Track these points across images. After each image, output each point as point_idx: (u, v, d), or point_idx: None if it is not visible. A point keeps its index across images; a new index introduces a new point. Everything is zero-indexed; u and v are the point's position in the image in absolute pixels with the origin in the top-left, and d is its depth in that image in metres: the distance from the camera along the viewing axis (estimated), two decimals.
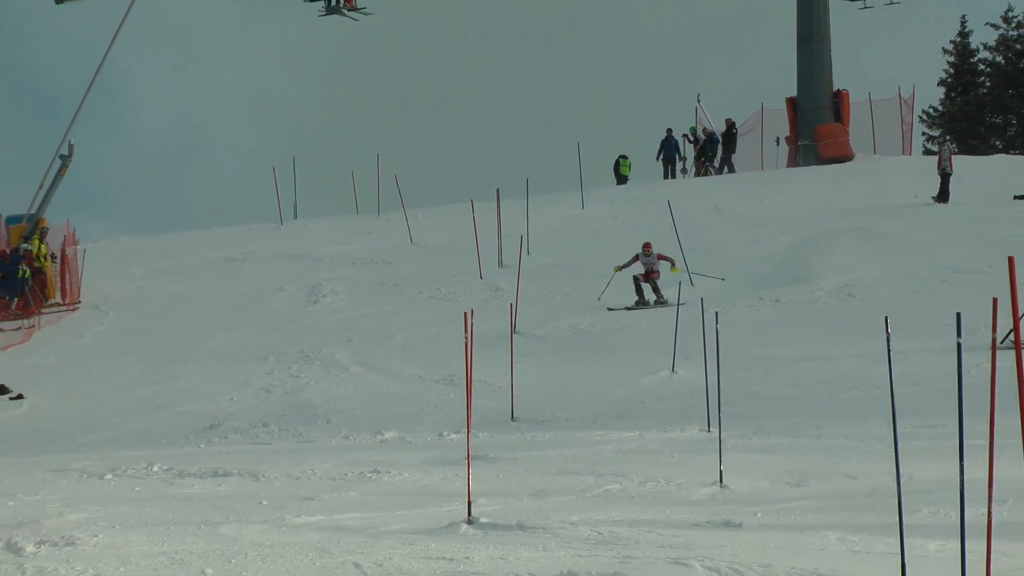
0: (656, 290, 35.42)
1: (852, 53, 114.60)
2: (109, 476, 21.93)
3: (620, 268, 35.55)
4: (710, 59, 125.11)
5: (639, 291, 35.44)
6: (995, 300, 11.57)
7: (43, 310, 40.46)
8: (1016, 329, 11.37)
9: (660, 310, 34.31)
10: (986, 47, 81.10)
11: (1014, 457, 10.87)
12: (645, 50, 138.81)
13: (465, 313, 21.99)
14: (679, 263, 35.89)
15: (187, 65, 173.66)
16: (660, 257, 35.49)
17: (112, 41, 47.16)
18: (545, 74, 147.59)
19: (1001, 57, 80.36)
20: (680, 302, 30.55)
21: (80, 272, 42.15)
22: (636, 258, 35.54)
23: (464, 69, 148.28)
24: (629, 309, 35.28)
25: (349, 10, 39.65)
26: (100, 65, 49.02)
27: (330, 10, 39.42)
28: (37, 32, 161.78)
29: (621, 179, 57.69)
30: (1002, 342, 11.66)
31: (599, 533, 15.71)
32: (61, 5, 31.67)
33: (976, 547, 11.21)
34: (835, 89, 58.50)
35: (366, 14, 39.59)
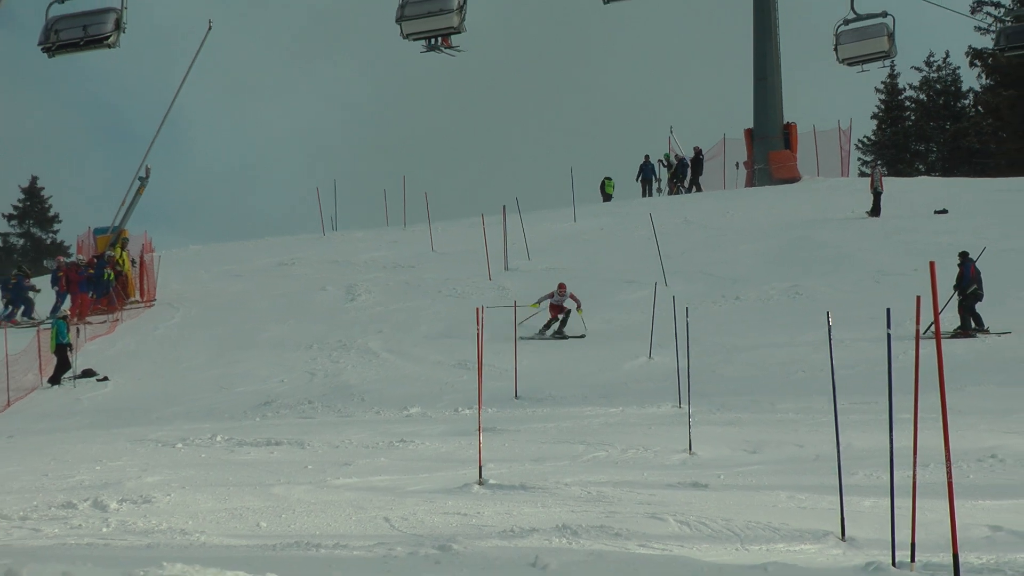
0: (562, 323, 33.38)
1: (800, 91, 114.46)
2: (180, 445, 21.94)
3: (536, 304, 33.57)
4: (681, 97, 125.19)
5: (549, 324, 33.50)
6: (918, 298, 11.62)
7: (125, 307, 40.44)
8: (936, 322, 11.42)
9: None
10: (911, 86, 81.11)
11: (934, 429, 10.89)
12: (627, 90, 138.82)
13: (476, 309, 22.08)
14: (583, 307, 33.30)
15: (245, 102, 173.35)
16: (572, 297, 33.29)
17: (182, 82, 47.12)
18: (544, 112, 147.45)
19: (924, 95, 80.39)
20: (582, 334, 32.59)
21: (156, 275, 42.12)
22: (551, 295, 33.50)
23: (478, 108, 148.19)
24: (536, 335, 33.37)
25: (445, 48, 39.28)
26: (172, 102, 49.00)
27: (430, 47, 39.01)
28: (114, 74, 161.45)
29: (606, 197, 57.58)
30: (924, 333, 11.69)
31: (588, 492, 15.74)
32: (54, 58, 30.39)
33: (903, 504, 11.23)
34: (785, 122, 58.39)
35: (459, 51, 39.26)
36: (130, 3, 31.98)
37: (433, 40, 38.98)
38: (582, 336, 32.73)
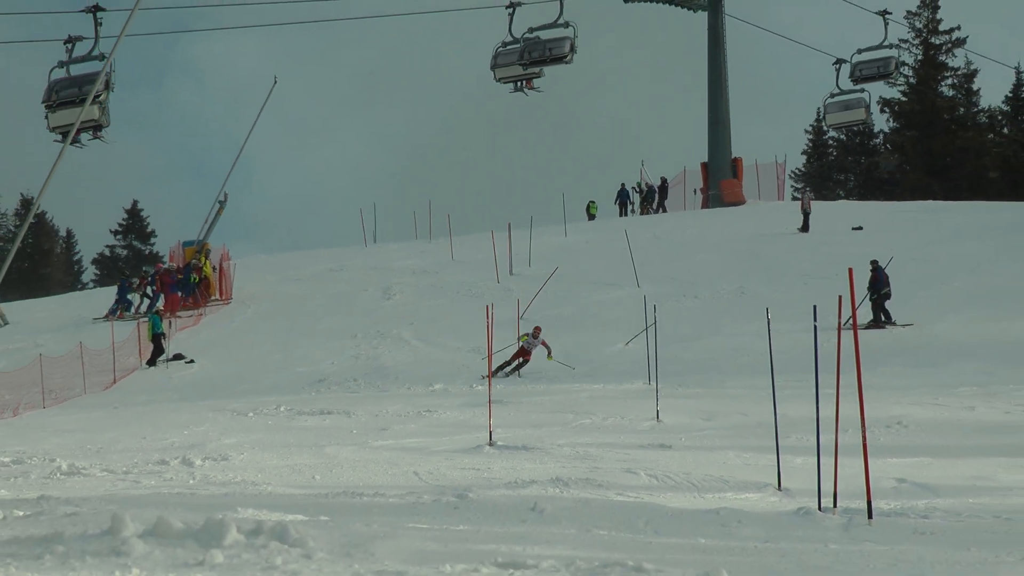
0: (520, 366, 27.79)
1: (745, 132, 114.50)
2: (251, 414, 21.97)
3: (521, 339, 27.97)
4: (650, 136, 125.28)
5: (508, 364, 27.80)
6: (839, 297, 11.63)
7: (207, 304, 40.49)
8: (853, 316, 11.45)
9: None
10: (835, 130, 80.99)
11: (852, 401, 10.90)
12: (607, 130, 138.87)
13: (487, 306, 22.09)
14: (554, 354, 27.50)
15: (302, 139, 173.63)
16: (543, 343, 27.62)
17: (253, 125, 47.34)
18: (542, 148, 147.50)
19: (843, 135, 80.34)
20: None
21: (232, 278, 42.14)
22: (528, 336, 27.80)
23: (488, 145, 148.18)
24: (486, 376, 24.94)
25: (529, 89, 39.35)
26: (245, 140, 49.22)
27: (516, 88, 39.15)
28: (197, 118, 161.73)
29: (591, 217, 57.53)
30: (844, 325, 11.70)
31: (576, 451, 15.75)
32: (55, 113, 29.54)
33: (827, 461, 11.24)
34: (733, 156, 58.44)
35: (540, 91, 39.36)
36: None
37: (520, 83, 39.22)
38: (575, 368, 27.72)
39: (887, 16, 51.51)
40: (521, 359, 27.79)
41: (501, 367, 27.31)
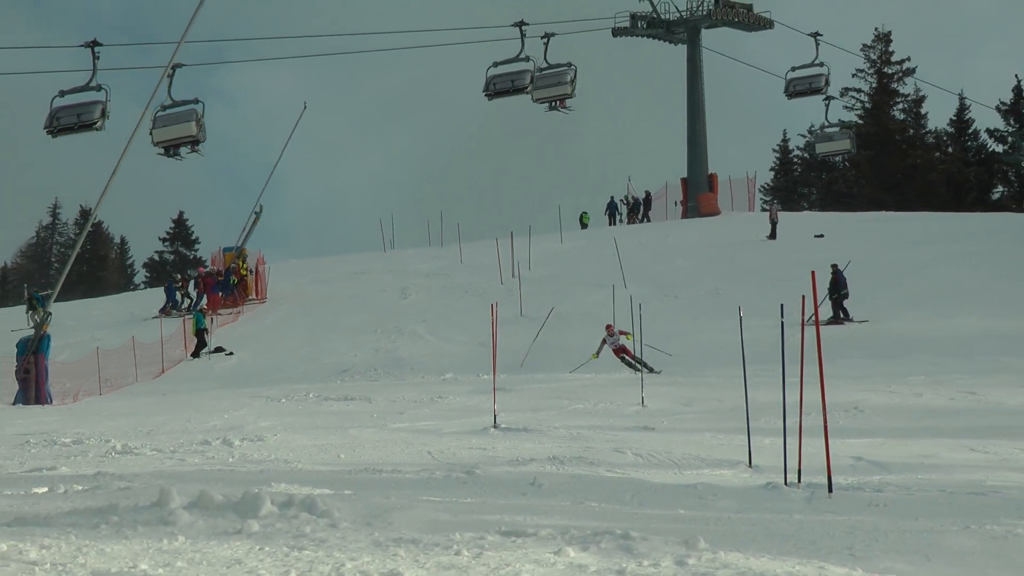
0: (632, 364, 26.00)
1: (720, 150, 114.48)
2: (283, 400, 21.98)
3: (596, 355, 26.26)
4: (636, 154, 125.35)
5: (629, 365, 26.25)
6: (803, 297, 11.62)
7: (245, 303, 40.55)
8: (816, 313, 11.42)
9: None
10: (798, 148, 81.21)
11: (814, 388, 10.90)
12: (598, 149, 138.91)
13: (492, 304, 22.10)
14: (631, 333, 26.14)
15: (329, 157, 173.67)
16: (621, 332, 26.53)
17: (285, 144, 47.30)
18: (540, 164, 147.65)
19: (806, 154, 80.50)
20: (657, 370, 25.48)
21: (267, 280, 42.21)
22: (604, 341, 26.54)
23: (493, 162, 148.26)
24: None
25: (562, 108, 39.57)
26: (279, 159, 49.15)
27: (551, 108, 39.37)
28: (236, 139, 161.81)
29: (583, 226, 57.64)
30: (807, 321, 11.71)
31: (571, 433, 15.74)
32: (56, 138, 29.43)
33: (792, 441, 11.24)
34: (710, 172, 58.56)
35: (572, 111, 39.68)
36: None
37: (554, 103, 39.41)
38: (657, 371, 25.36)
39: (818, 37, 52.21)
40: (624, 356, 26.48)
41: (628, 364, 26.25)
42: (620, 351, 26.44)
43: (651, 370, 25.11)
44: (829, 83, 46.07)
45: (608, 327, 26.96)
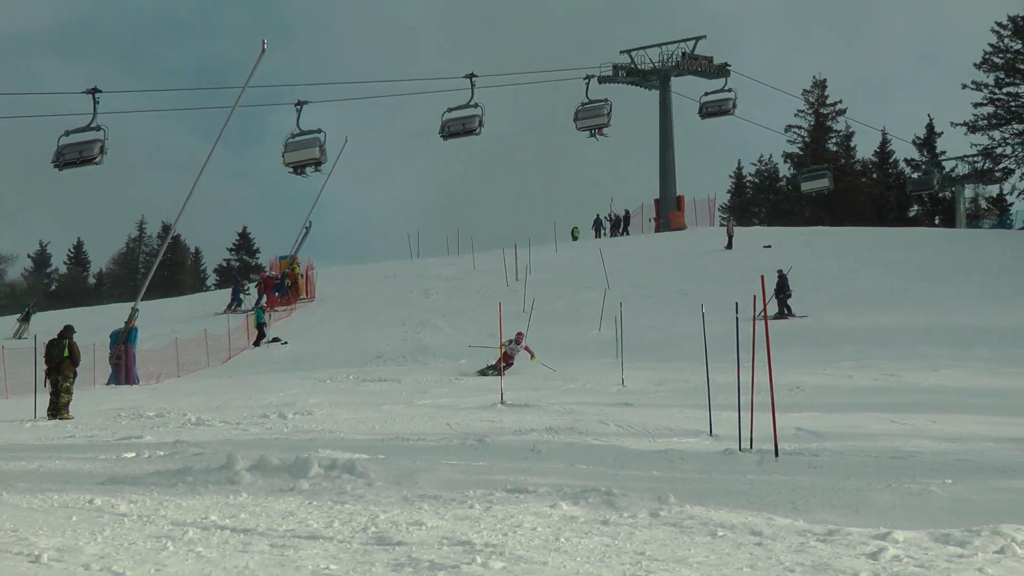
0: (503, 369, 20.57)
1: (687, 175, 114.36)
2: (328, 381, 21.99)
3: (502, 347, 22.19)
4: (617, 179, 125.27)
5: (494, 367, 22.58)
6: (754, 296, 11.62)
7: (297, 301, 40.55)
8: (764, 310, 11.41)
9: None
10: (750, 174, 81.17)
11: (763, 371, 10.90)
12: (586, 173, 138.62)
13: (499, 303, 22.09)
14: (537, 357, 23.12)
15: (366, 181, 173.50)
16: (526, 349, 23.35)
17: (328, 174, 47.23)
18: (539, 186, 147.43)
19: (757, 179, 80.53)
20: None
21: (314, 282, 42.22)
22: (509, 342, 22.98)
23: (500, 184, 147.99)
24: (477, 372, 23.18)
25: (600, 136, 39.85)
26: (323, 184, 49.15)
27: (591, 135, 39.67)
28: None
29: (574, 238, 57.53)
30: (757, 316, 11.72)
31: (564, 408, 15.74)
32: (63, 172, 28.62)
33: (745, 415, 11.23)
34: (678, 194, 58.51)
35: (607, 137, 40.13)
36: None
37: (593, 131, 39.54)
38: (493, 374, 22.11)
39: (728, 67, 55.96)
40: (505, 363, 22.27)
41: (485, 370, 23.07)
42: (507, 359, 22.56)
43: (494, 373, 21.91)
44: (736, 106, 46.35)
45: (519, 334, 23.72)
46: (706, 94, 47.55)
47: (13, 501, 8.32)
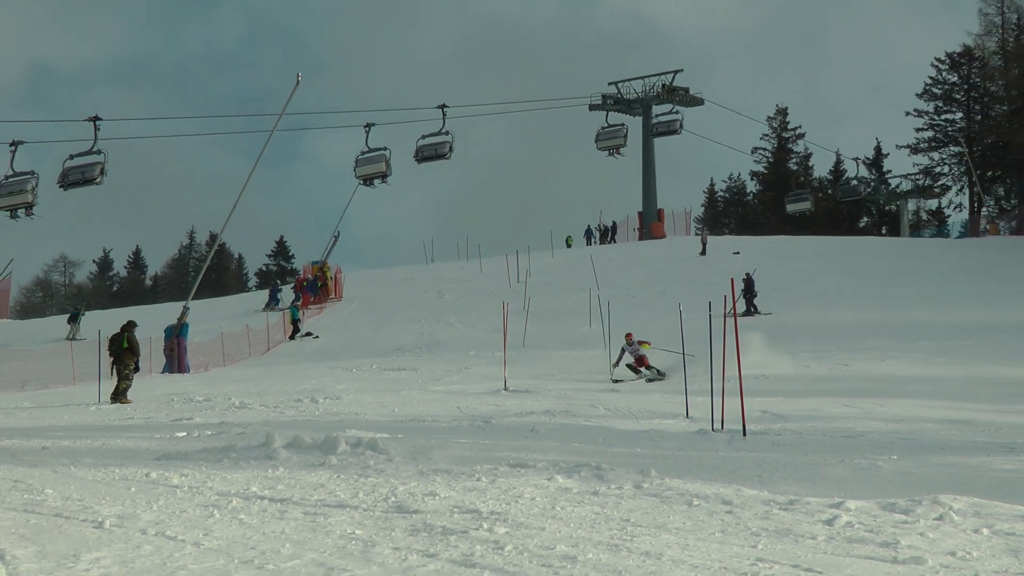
0: (652, 373, 18.97)
1: (667, 191, 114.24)
2: (354, 370, 21.97)
3: (615, 364, 19.01)
4: (606, 194, 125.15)
5: (636, 371, 19.12)
6: (725, 296, 11.61)
7: (327, 301, 40.53)
8: (734, 308, 11.40)
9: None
10: (720, 191, 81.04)
11: (733, 360, 10.89)
12: (578, 189, 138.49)
13: (503, 303, 22.06)
14: (650, 343, 19.79)
15: (383, 197, 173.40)
16: (640, 342, 19.56)
17: (352, 194, 47.30)
18: (537, 201, 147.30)
19: (727, 194, 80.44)
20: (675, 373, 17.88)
21: (342, 284, 42.21)
22: (623, 351, 19.36)
23: (502, 199, 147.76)
24: (635, 379, 18.93)
25: (617, 155, 40.47)
26: (348, 203, 49.22)
27: (610, 154, 40.26)
28: (316, 190, 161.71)
29: (568, 246, 57.48)
30: (728, 314, 11.71)
31: (559, 393, 15.73)
32: (67, 191, 27.95)
33: (717, 399, 11.22)
34: (659, 207, 58.48)
35: (623, 156, 41.11)
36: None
37: (612, 151, 39.77)
38: (663, 376, 18.67)
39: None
40: (642, 367, 19.16)
41: (643, 373, 19.10)
42: (639, 362, 19.32)
43: (663, 375, 18.77)
44: (683, 127, 46.71)
45: (628, 336, 19.78)
46: (656, 116, 48.10)
47: (80, 474, 8.33)
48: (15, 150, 27.00)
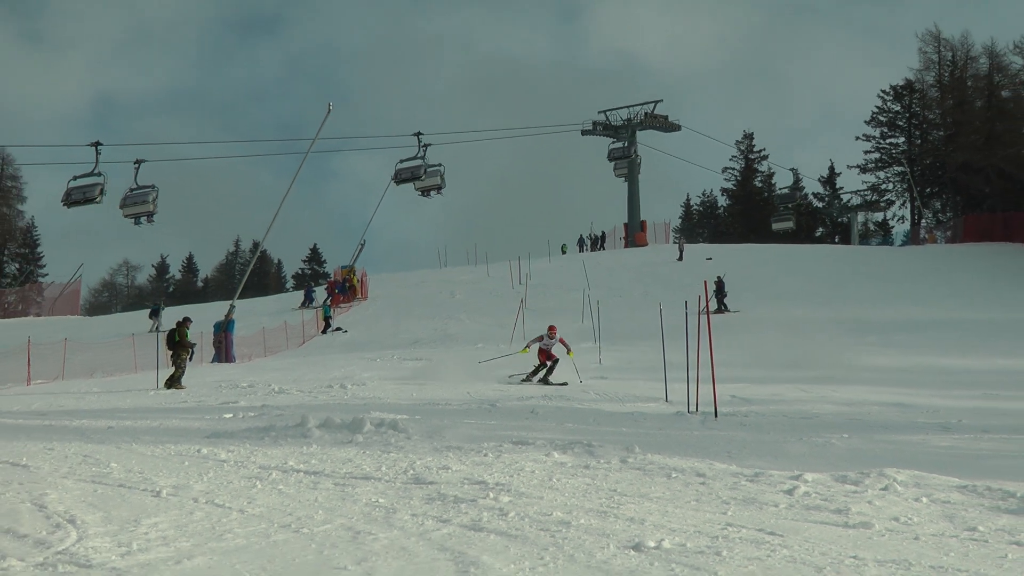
0: (549, 371, 15.62)
1: (650, 204, 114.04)
2: (377, 359, 21.94)
3: (526, 349, 16.32)
4: (597, 207, 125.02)
5: (536, 369, 15.78)
6: (699, 296, 11.58)
7: (355, 300, 40.50)
8: (707, 306, 11.38)
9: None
10: (695, 205, 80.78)
11: (705, 351, 10.86)
12: (573, 202, 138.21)
13: (521, 299, 21.91)
14: (573, 351, 16.44)
15: (400, 211, 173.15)
16: (561, 341, 16.10)
17: (375, 209, 47.21)
18: (536, 211, 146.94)
19: (701, 208, 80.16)
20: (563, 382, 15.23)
21: (367, 286, 42.18)
22: (540, 338, 16.20)
23: (505, 210, 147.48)
24: (522, 380, 15.73)
25: (625, 180, 41.37)
26: (371, 217, 49.18)
27: (619, 176, 41.12)
28: (343, 205, 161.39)
29: (563, 252, 57.32)
30: (701, 311, 11.69)
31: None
32: (71, 209, 26.90)
33: (692, 387, 11.20)
34: (642, 219, 58.39)
35: (625, 179, 41.83)
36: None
37: (620, 168, 40.16)
38: (564, 384, 14.94)
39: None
40: (548, 363, 15.86)
41: (529, 377, 15.80)
42: (549, 357, 15.94)
43: (563, 383, 15.09)
44: (638, 154, 47.39)
45: (551, 328, 16.46)
46: (614, 143, 49.35)
47: (140, 450, 8.34)
48: (139, 167, 27.72)
